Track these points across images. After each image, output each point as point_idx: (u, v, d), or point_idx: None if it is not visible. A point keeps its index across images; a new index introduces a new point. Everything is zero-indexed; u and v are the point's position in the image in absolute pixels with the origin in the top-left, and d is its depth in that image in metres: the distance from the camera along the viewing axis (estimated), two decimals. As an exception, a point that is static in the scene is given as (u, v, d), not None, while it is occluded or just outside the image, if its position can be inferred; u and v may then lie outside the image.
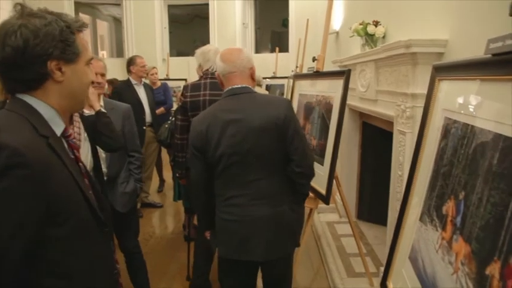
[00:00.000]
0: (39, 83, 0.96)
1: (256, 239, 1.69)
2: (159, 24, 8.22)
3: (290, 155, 1.69)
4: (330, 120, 2.14)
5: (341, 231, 3.72)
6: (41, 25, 0.92)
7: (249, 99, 1.73)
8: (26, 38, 0.90)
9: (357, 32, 3.21)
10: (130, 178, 2.43)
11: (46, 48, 0.92)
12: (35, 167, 0.85)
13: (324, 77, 2.32)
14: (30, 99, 0.96)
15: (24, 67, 0.92)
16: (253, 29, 8.46)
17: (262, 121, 1.64)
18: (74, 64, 0.99)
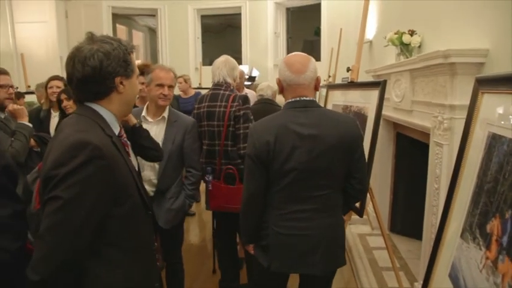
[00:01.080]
0: (107, 94, 1.23)
1: (319, 252, 1.68)
2: (192, 34, 8.40)
3: (353, 172, 1.71)
4: (365, 131, 2.10)
5: (373, 243, 3.64)
6: (111, 49, 1.19)
7: (320, 114, 1.67)
8: (101, 60, 1.17)
9: (391, 42, 3.16)
10: (180, 194, 2.36)
11: (114, 67, 1.20)
12: (108, 159, 1.11)
13: (359, 88, 2.29)
14: (97, 106, 1.22)
15: (99, 82, 1.19)
16: (285, 38, 8.49)
17: (337, 139, 1.62)
18: (130, 79, 1.27)
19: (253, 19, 8.15)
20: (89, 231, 1.09)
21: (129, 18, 9.71)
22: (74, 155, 1.06)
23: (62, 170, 1.05)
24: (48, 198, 1.06)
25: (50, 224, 1.05)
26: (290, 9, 8.44)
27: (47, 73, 5.74)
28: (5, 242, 1.06)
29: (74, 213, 1.06)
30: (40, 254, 1.05)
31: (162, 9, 8.26)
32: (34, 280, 1.03)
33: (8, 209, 1.09)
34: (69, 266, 1.09)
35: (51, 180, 1.06)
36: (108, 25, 7.73)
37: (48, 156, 1.13)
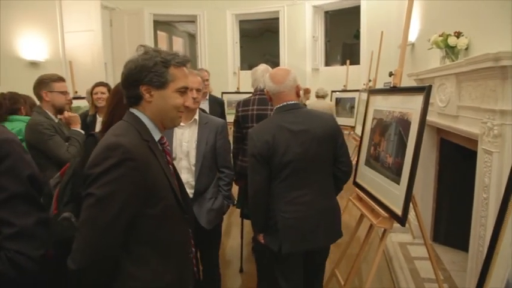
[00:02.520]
0: (137, 100, 1.31)
1: (321, 229, 2.03)
2: (230, 39, 8.50)
3: (339, 157, 2.10)
4: (408, 137, 2.04)
5: (414, 253, 3.51)
6: (141, 59, 1.26)
7: (305, 113, 2.07)
8: (130, 68, 1.27)
9: (436, 44, 3.05)
10: (218, 194, 2.40)
11: (139, 76, 1.26)
12: (139, 161, 1.19)
13: (402, 93, 2.22)
14: (137, 112, 1.32)
15: (127, 88, 1.30)
16: (323, 41, 8.41)
17: (323, 131, 2.02)
18: (162, 90, 1.29)
19: (291, 23, 8.14)
20: (120, 227, 1.18)
21: (170, 25, 9.97)
22: (107, 156, 1.16)
23: (96, 170, 1.16)
24: (85, 194, 1.18)
25: (85, 218, 1.16)
26: (329, 12, 8.35)
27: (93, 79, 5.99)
28: (28, 250, 1.08)
29: (105, 210, 1.15)
30: (77, 245, 1.16)
31: (201, 15, 8.42)
32: (72, 269, 1.14)
33: (32, 218, 1.11)
34: (102, 258, 1.17)
35: (88, 178, 1.17)
36: (149, 32, 7.98)
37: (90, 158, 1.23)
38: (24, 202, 1.10)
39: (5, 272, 1.04)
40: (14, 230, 1.07)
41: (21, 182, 1.10)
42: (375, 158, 2.45)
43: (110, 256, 1.19)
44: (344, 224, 4.36)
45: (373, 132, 2.55)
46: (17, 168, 1.10)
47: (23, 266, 1.07)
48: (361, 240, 3.64)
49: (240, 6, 8.33)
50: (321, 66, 8.34)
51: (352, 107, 6.55)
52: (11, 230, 1.06)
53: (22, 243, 1.07)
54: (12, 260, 1.05)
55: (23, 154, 1.15)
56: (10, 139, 1.13)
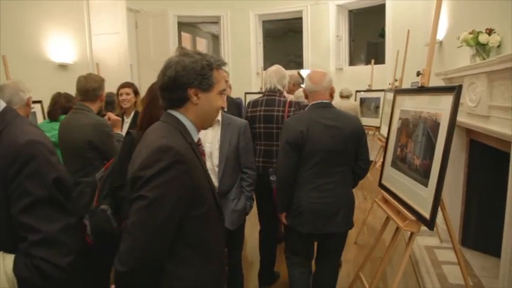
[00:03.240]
0: (182, 103, 1.30)
1: (340, 215, 2.29)
2: (253, 39, 8.51)
3: (360, 155, 2.36)
4: (437, 139, 1.98)
5: (442, 257, 3.41)
6: (189, 62, 1.27)
7: (336, 112, 2.33)
8: (177, 71, 1.26)
9: (466, 42, 2.95)
10: (242, 195, 2.41)
11: (188, 79, 1.26)
12: (188, 164, 1.20)
13: (430, 93, 2.16)
14: (178, 114, 1.32)
15: (174, 91, 1.28)
16: (347, 41, 8.31)
17: (350, 129, 2.28)
18: (208, 92, 1.31)
19: (314, 23, 8.07)
20: (169, 230, 1.18)
21: (193, 26, 10.07)
22: (159, 158, 1.16)
23: (148, 172, 1.15)
24: (135, 197, 1.16)
25: (135, 220, 1.15)
26: (353, 11, 8.25)
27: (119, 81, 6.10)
28: (54, 257, 1.04)
29: (157, 212, 1.15)
30: (126, 247, 1.16)
31: (225, 16, 8.46)
32: (120, 271, 1.15)
33: (58, 223, 1.07)
34: (151, 261, 1.17)
35: (138, 180, 1.16)
36: (173, 33, 8.08)
37: (136, 159, 1.24)
38: (49, 207, 1.06)
39: (32, 280, 1.02)
40: (39, 237, 1.03)
41: (46, 186, 1.06)
42: (402, 159, 2.40)
43: (158, 259, 1.19)
44: (368, 226, 4.35)
45: (400, 133, 2.49)
46: (42, 172, 1.06)
47: (49, 273, 1.04)
48: (385, 243, 3.58)
49: (263, 6, 8.33)
50: (345, 65, 8.24)
51: (377, 107, 6.43)
52: (36, 237, 1.03)
53: (47, 250, 1.03)
54: (38, 267, 1.02)
55: (48, 156, 1.09)
56: (35, 141, 1.08)
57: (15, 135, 1.07)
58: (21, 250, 1.03)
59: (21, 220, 1.03)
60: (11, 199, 1.03)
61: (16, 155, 1.03)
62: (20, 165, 1.03)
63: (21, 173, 1.03)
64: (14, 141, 1.06)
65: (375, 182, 5.50)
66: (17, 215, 1.03)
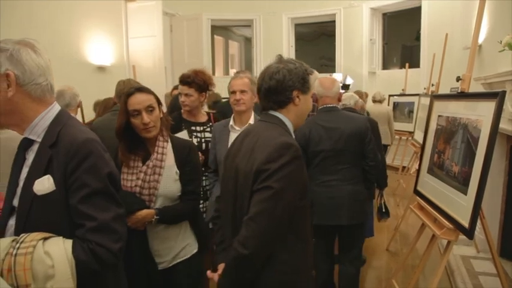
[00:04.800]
0: (286, 104, 1.46)
1: (344, 208, 2.45)
2: (286, 43, 8.53)
3: (366, 153, 2.51)
4: (477, 146, 1.93)
5: (479, 268, 3.30)
6: (293, 68, 1.45)
7: (338, 114, 2.56)
8: (284, 75, 1.43)
9: (509, 46, 2.85)
10: None
11: (294, 82, 1.44)
12: (302, 159, 1.37)
13: (471, 99, 2.11)
14: (279, 114, 1.47)
15: (281, 92, 1.44)
16: (381, 44, 8.18)
17: (351, 129, 2.47)
18: (306, 94, 1.49)
19: (347, 26, 8.00)
20: (287, 218, 1.33)
21: (226, 29, 10.19)
22: (282, 153, 1.31)
23: (273, 166, 1.30)
24: (260, 187, 1.31)
25: (261, 208, 1.29)
26: (387, 14, 8.12)
27: (154, 83, 6.27)
28: (108, 243, 1.14)
29: (280, 201, 1.29)
30: (251, 232, 1.29)
31: (258, 19, 8.53)
32: (243, 253, 1.28)
33: (110, 213, 1.17)
34: (270, 245, 1.32)
35: (263, 173, 1.31)
36: (207, 37, 8.21)
37: (251, 154, 1.39)
38: (103, 198, 1.17)
39: (89, 263, 1.11)
40: (95, 224, 1.13)
41: (102, 179, 1.16)
42: (439, 166, 2.35)
43: (275, 243, 1.34)
44: (401, 233, 4.26)
45: (437, 139, 2.44)
46: (98, 166, 1.16)
47: (103, 257, 1.13)
48: (418, 251, 3.50)
49: (296, 9, 8.33)
50: (378, 69, 8.12)
51: (411, 111, 6.29)
52: (92, 224, 1.13)
53: (102, 236, 1.13)
54: (93, 251, 1.12)
55: (103, 153, 1.20)
56: (92, 139, 1.19)
57: (73, 133, 1.18)
58: (79, 235, 1.14)
59: (80, 209, 1.13)
60: (70, 191, 1.14)
61: (76, 151, 1.14)
62: (79, 160, 1.14)
63: (80, 168, 1.14)
64: (73, 139, 1.16)
65: (408, 188, 5.41)
66: (75, 205, 1.14)
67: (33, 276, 1.05)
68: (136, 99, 1.77)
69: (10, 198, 1.21)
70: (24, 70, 1.14)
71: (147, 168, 1.79)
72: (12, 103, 1.14)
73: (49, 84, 1.22)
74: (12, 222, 1.19)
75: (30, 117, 1.18)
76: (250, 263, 1.32)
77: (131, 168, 1.81)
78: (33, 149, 1.21)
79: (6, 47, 1.14)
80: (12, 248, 1.06)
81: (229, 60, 10.71)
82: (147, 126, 1.76)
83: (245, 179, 1.37)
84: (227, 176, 1.51)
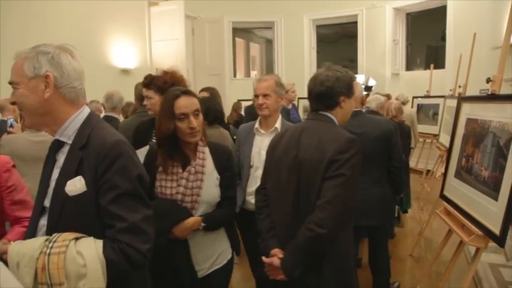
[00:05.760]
0: (334, 107, 1.68)
1: (373, 210, 2.54)
2: (307, 44, 8.48)
3: (392, 154, 2.62)
4: (509, 150, 1.86)
5: (509, 277, 3.18)
6: (341, 76, 1.66)
7: (363, 118, 2.65)
8: (333, 82, 1.64)
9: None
10: None
11: (341, 88, 1.66)
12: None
13: (502, 101, 2.03)
14: (330, 115, 1.68)
15: (330, 97, 1.66)
16: (404, 45, 8.04)
17: (377, 133, 2.57)
18: (350, 99, 1.71)
19: (370, 27, 7.90)
20: (352, 201, 1.58)
21: (248, 31, 10.22)
22: (351, 146, 1.55)
23: (345, 156, 1.53)
24: (334, 175, 1.53)
25: (336, 192, 1.51)
26: (410, 14, 7.98)
27: (176, 85, 6.32)
28: (137, 244, 1.15)
29: (351, 186, 1.55)
30: (327, 214, 1.50)
31: (279, 21, 8.52)
32: (321, 233, 1.49)
33: (140, 214, 1.18)
34: (341, 226, 1.56)
35: (335, 162, 1.53)
36: (228, 39, 8.25)
37: (318, 146, 1.59)
38: (133, 199, 1.18)
39: (119, 263, 1.13)
40: (125, 225, 1.14)
41: (131, 180, 1.17)
42: (467, 170, 2.27)
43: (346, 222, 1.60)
44: (426, 239, 4.15)
45: (465, 142, 2.36)
46: (128, 168, 1.18)
47: (133, 258, 1.15)
48: (443, 257, 3.40)
49: (318, 11, 8.29)
50: (401, 70, 7.98)
51: (435, 114, 6.14)
52: (122, 224, 1.14)
53: (132, 236, 1.15)
54: (123, 251, 1.13)
55: (132, 155, 1.22)
56: (121, 141, 1.21)
57: (103, 136, 1.21)
58: (109, 236, 1.16)
59: (110, 209, 1.15)
60: (100, 191, 1.16)
61: (106, 153, 1.16)
62: (110, 162, 1.16)
63: (110, 169, 1.16)
64: (103, 141, 1.19)
65: (432, 192, 5.28)
66: (106, 205, 1.15)
67: (66, 275, 1.07)
68: (184, 102, 1.69)
69: (41, 198, 1.24)
70: (63, 73, 1.19)
71: (188, 174, 1.71)
72: (47, 104, 1.18)
73: (82, 88, 1.26)
74: (44, 222, 1.22)
75: (62, 118, 1.22)
76: (326, 241, 1.53)
77: (169, 174, 1.72)
78: (64, 150, 1.24)
79: (48, 51, 1.19)
80: (46, 247, 1.09)
81: (250, 62, 10.73)
82: (194, 130, 1.69)
83: (314, 168, 1.57)
84: (279, 167, 1.70)
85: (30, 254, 1.09)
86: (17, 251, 1.10)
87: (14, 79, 1.19)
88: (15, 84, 1.19)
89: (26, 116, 1.22)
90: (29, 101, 1.17)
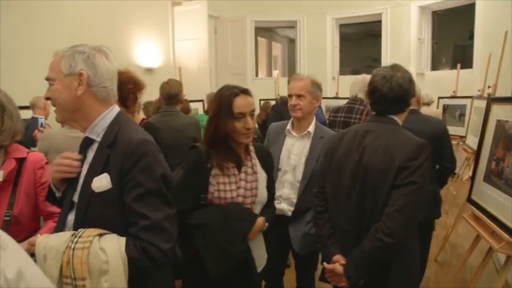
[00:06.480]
0: (404, 110, 1.65)
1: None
2: (330, 44, 8.40)
3: (443, 154, 2.58)
4: (543, 153, 1.78)
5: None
6: (411, 76, 1.62)
7: (416, 117, 2.53)
8: (409, 84, 1.60)
9: None
10: None
11: (413, 91, 1.63)
12: None
13: (536, 102, 1.96)
14: (396, 118, 1.65)
15: (405, 101, 1.63)
16: (430, 44, 7.85)
17: (428, 132, 2.38)
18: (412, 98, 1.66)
19: (394, 25, 7.75)
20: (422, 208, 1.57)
21: (270, 31, 10.19)
22: (421, 152, 1.50)
23: (416, 162, 1.48)
24: (405, 182, 1.48)
25: (407, 201, 1.47)
26: (437, 12, 7.78)
27: (199, 84, 6.40)
28: (159, 242, 1.17)
29: (422, 194, 1.51)
30: (398, 223, 1.46)
31: (301, 20, 8.46)
32: (390, 242, 1.45)
33: (163, 213, 1.19)
34: (410, 236, 1.55)
35: (407, 169, 1.48)
36: (251, 38, 8.26)
37: (386, 152, 1.54)
38: (157, 198, 1.20)
39: (140, 261, 1.15)
40: (148, 223, 1.16)
41: (155, 179, 1.19)
42: (497, 174, 2.20)
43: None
44: (451, 244, 4.04)
45: (495, 145, 2.28)
46: (153, 167, 1.20)
47: (155, 256, 1.16)
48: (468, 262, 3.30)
49: (341, 10, 8.19)
50: (426, 70, 7.80)
51: (462, 115, 5.97)
52: (145, 222, 1.16)
53: (154, 235, 1.16)
54: (145, 249, 1.15)
55: (157, 154, 1.24)
56: (147, 140, 1.23)
57: (130, 134, 1.24)
58: (132, 233, 1.18)
59: (133, 207, 1.17)
60: (125, 189, 1.19)
61: (132, 151, 1.19)
62: (135, 160, 1.18)
63: (135, 167, 1.18)
64: (130, 139, 1.21)
65: (458, 195, 5.14)
66: (129, 203, 1.18)
67: (88, 270, 1.09)
68: (243, 101, 1.62)
69: (71, 193, 1.28)
70: (96, 72, 1.23)
71: (246, 175, 1.66)
72: (79, 101, 1.23)
73: (114, 88, 1.30)
74: (72, 217, 1.26)
75: (92, 116, 1.26)
76: (393, 251, 1.49)
77: (227, 176, 1.64)
78: (93, 147, 1.28)
79: (84, 50, 1.24)
80: (71, 242, 1.12)
81: (272, 61, 10.70)
82: (249, 131, 1.62)
83: (382, 174, 1.52)
84: (339, 171, 1.64)
85: (57, 248, 1.12)
86: (44, 244, 1.14)
87: (50, 75, 1.24)
88: (51, 80, 1.24)
89: (57, 111, 1.27)
90: (62, 96, 1.22)
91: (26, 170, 1.61)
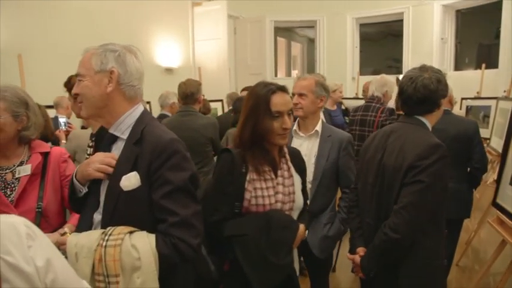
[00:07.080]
0: (433, 110, 1.64)
1: (453, 204, 2.26)
2: (350, 43, 8.31)
3: (472, 154, 2.60)
4: None
5: None
6: (440, 77, 1.63)
7: (446, 117, 2.35)
8: (437, 86, 1.59)
9: None
10: (335, 218, 2.12)
11: (442, 91, 1.62)
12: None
13: None
14: (424, 119, 1.65)
15: (433, 102, 1.63)
16: (453, 43, 7.68)
17: (456, 132, 2.52)
18: (445, 100, 1.66)
19: (416, 25, 7.61)
20: (431, 209, 1.55)
21: (289, 31, 10.16)
22: (433, 152, 1.51)
23: (425, 162, 1.49)
24: (412, 181, 1.51)
25: (412, 199, 1.51)
26: (461, 11, 7.60)
27: (219, 84, 6.43)
28: (188, 238, 1.18)
29: (429, 194, 1.50)
30: (401, 220, 1.51)
31: (321, 20, 8.40)
32: (394, 237, 1.51)
33: (191, 209, 1.21)
34: (416, 232, 1.54)
35: (415, 168, 1.51)
36: (270, 39, 8.25)
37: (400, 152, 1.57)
38: (184, 195, 1.22)
39: (171, 257, 1.17)
40: (177, 219, 1.18)
41: (183, 177, 1.22)
42: (524, 177, 2.14)
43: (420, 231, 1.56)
44: (473, 249, 3.94)
45: (522, 147, 2.22)
46: (181, 166, 1.23)
47: (184, 252, 1.18)
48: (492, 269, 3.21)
49: (361, 9, 8.09)
50: (449, 70, 7.63)
51: (486, 116, 5.82)
52: (174, 219, 1.18)
53: (183, 231, 1.18)
54: (175, 245, 1.17)
55: (185, 152, 1.26)
56: (176, 139, 1.26)
57: (158, 133, 1.26)
58: (161, 230, 1.20)
59: (162, 204, 1.20)
60: (153, 186, 1.21)
61: (162, 150, 1.21)
62: (165, 158, 1.21)
63: (164, 165, 1.20)
64: (159, 138, 1.24)
65: (482, 199, 5.00)
66: (158, 200, 1.20)
67: (121, 267, 1.12)
68: (282, 99, 1.52)
69: (97, 192, 1.30)
70: (126, 71, 1.27)
71: (283, 179, 1.56)
72: (107, 98, 1.26)
73: (141, 88, 1.34)
74: (98, 215, 1.27)
75: (118, 113, 1.29)
76: (398, 245, 1.53)
77: (264, 181, 1.53)
78: (118, 145, 1.30)
79: (116, 49, 1.27)
80: (102, 240, 1.14)
81: (291, 61, 10.67)
82: (286, 131, 1.52)
83: (395, 173, 1.56)
84: (367, 169, 1.71)
85: (88, 246, 1.14)
86: (75, 243, 1.16)
87: (80, 71, 1.27)
88: (81, 76, 1.27)
89: (84, 106, 1.29)
90: (91, 92, 1.25)
91: (51, 163, 1.67)
